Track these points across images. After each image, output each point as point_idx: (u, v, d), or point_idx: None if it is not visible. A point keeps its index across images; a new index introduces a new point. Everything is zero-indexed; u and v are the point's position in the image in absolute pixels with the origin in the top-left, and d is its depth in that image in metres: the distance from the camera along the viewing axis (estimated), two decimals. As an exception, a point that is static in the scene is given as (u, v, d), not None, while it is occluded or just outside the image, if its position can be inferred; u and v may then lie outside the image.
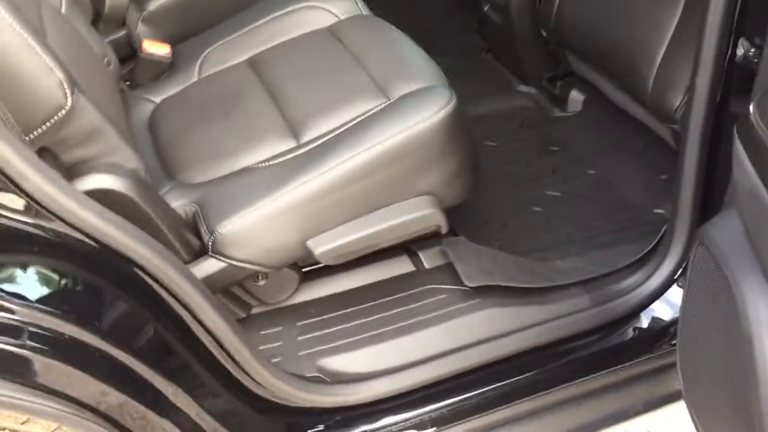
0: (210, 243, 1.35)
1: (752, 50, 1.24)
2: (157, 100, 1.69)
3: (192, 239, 1.36)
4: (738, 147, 0.95)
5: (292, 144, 1.47)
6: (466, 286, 1.51)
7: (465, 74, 2.41)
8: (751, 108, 0.93)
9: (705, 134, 1.37)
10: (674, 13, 1.63)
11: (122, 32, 1.97)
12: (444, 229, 1.48)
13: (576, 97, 2.18)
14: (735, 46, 1.28)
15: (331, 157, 1.37)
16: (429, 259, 1.60)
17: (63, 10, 1.56)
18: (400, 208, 1.43)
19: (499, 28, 2.29)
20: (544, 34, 2.08)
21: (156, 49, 1.72)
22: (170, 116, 1.62)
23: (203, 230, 1.36)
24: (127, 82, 1.83)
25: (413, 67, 1.56)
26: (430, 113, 1.39)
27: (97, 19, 1.86)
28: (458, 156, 1.46)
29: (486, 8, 2.32)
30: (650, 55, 1.67)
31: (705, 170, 1.42)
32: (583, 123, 2.16)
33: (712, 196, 1.47)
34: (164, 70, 1.75)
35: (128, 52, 1.95)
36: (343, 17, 1.75)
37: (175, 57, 1.76)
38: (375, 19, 1.76)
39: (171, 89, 1.70)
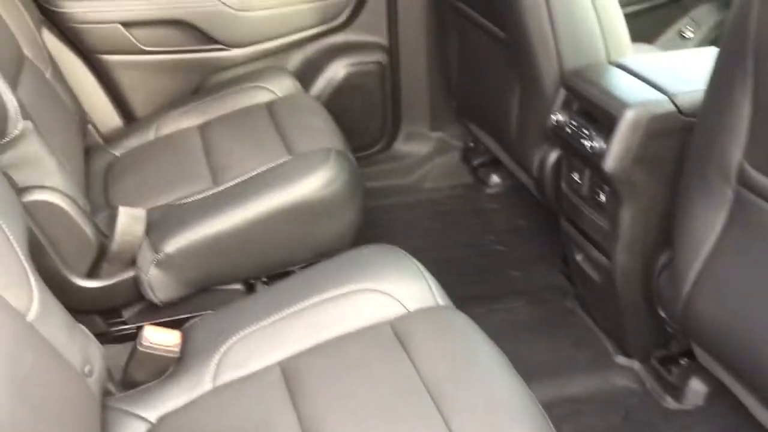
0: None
1: None
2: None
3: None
4: None
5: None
6: None
7: (547, 330, 1.95)
8: None
9: None
10: None
11: (129, 274, 1.60)
12: None
13: (697, 388, 1.70)
14: None
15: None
16: None
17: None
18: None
19: (596, 285, 1.84)
20: (662, 314, 1.61)
21: (161, 337, 1.27)
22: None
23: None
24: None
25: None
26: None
27: (101, 257, 1.60)
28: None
29: (579, 257, 1.87)
30: None
31: None
32: (708, 426, 1.67)
33: None
34: (167, 367, 1.28)
35: (134, 296, 1.62)
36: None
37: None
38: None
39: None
